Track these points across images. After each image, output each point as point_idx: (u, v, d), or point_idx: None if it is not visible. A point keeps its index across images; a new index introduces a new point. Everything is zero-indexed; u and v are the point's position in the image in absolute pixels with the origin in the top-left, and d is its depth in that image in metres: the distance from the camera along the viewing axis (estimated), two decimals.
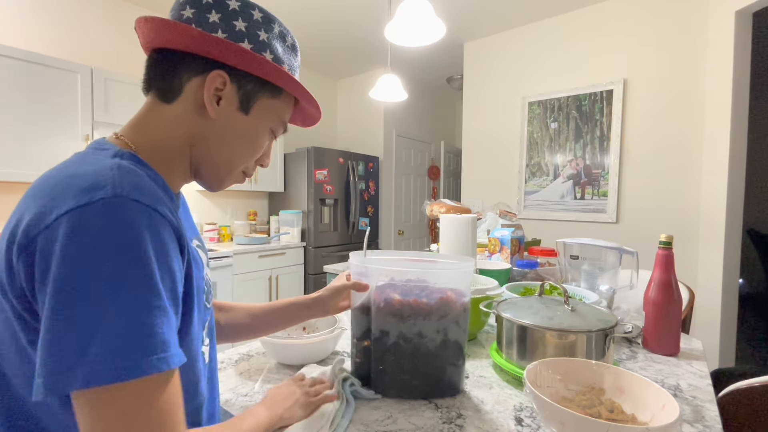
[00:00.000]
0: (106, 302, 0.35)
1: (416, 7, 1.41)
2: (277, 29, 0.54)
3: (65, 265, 0.35)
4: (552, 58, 2.96)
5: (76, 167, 0.41)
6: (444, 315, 0.68)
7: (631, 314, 1.11)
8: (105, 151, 0.46)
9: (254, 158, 0.57)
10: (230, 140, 0.53)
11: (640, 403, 0.56)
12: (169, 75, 0.50)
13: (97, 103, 2.34)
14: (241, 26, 0.50)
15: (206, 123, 0.51)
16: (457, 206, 1.77)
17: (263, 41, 0.52)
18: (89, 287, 0.35)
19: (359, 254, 0.76)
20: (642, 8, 2.56)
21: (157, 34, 0.49)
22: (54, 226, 0.36)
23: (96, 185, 0.38)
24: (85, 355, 0.34)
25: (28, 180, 2.11)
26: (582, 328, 0.70)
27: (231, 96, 0.51)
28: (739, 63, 2.18)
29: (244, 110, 0.53)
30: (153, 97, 0.51)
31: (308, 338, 0.81)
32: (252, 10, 0.52)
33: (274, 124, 0.57)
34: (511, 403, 0.68)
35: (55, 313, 0.34)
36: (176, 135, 0.51)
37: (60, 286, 0.35)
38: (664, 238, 0.91)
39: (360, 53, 3.71)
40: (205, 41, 0.48)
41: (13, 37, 2.31)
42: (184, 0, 0.50)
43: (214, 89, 0.50)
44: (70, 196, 0.37)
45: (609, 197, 2.69)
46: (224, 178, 0.56)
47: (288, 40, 0.56)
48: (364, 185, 3.89)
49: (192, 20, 0.49)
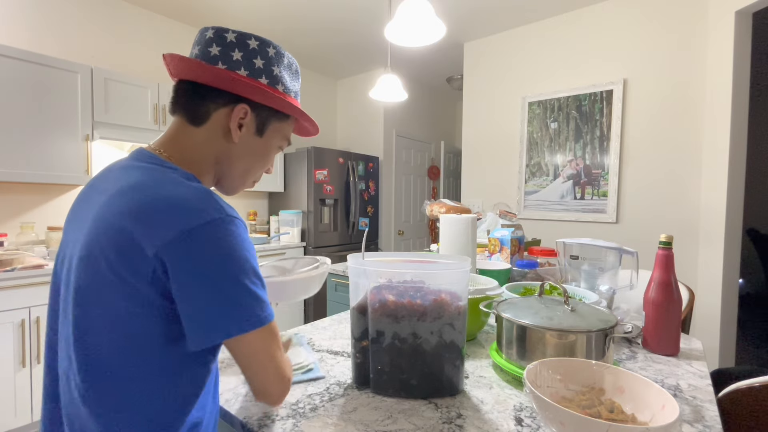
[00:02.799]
0: (236, 285, 0.50)
1: (416, 7, 1.41)
2: (286, 61, 0.65)
3: (206, 265, 0.49)
4: (552, 58, 2.96)
5: (171, 189, 0.52)
6: (438, 317, 0.68)
7: (631, 314, 1.11)
8: (173, 171, 0.56)
9: (263, 170, 0.70)
10: (248, 158, 0.65)
11: (640, 403, 0.56)
12: (198, 104, 0.60)
13: (97, 103, 2.34)
14: (260, 63, 0.61)
15: (229, 145, 0.62)
16: (457, 206, 1.77)
17: (276, 75, 0.63)
18: (226, 276, 0.50)
19: (357, 256, 0.76)
20: (642, 8, 2.56)
21: (189, 70, 0.59)
22: (189, 239, 0.49)
23: (206, 207, 0.51)
24: (231, 315, 0.50)
25: (28, 180, 2.11)
26: (582, 328, 0.70)
27: (250, 123, 0.63)
28: (739, 63, 2.18)
29: (260, 134, 0.64)
30: (181, 118, 0.61)
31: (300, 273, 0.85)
32: (268, 48, 0.62)
33: (281, 142, 0.69)
34: (511, 403, 0.68)
35: (202, 293, 0.49)
36: (206, 154, 0.62)
37: (205, 278, 0.49)
38: (664, 238, 0.91)
39: (360, 53, 3.71)
40: (232, 81, 0.59)
41: (13, 37, 2.31)
42: (210, 38, 0.60)
43: (239, 119, 0.61)
44: (190, 215, 0.50)
45: (609, 197, 2.69)
46: (239, 187, 0.69)
47: (293, 68, 0.67)
48: (364, 185, 3.89)
49: (219, 58, 0.59)
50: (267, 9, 2.91)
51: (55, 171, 2.19)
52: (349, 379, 0.76)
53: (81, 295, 0.51)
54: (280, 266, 1.03)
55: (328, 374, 0.79)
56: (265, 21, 3.10)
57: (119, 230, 0.49)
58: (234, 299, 0.50)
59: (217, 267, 0.50)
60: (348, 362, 0.85)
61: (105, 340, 0.50)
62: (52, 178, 2.19)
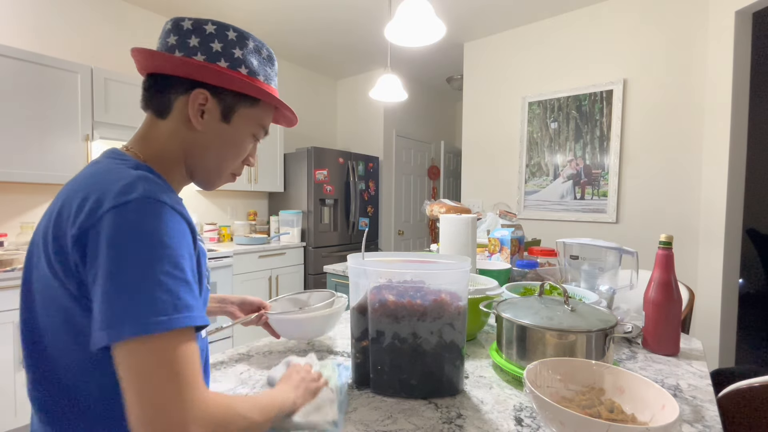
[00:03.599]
0: (141, 275, 0.44)
1: (416, 7, 1.41)
2: (252, 44, 0.62)
3: (112, 249, 0.44)
4: (552, 58, 2.96)
5: (109, 175, 0.50)
6: (438, 317, 0.68)
7: (631, 314, 1.11)
8: (126, 162, 0.54)
9: (238, 160, 0.65)
10: (216, 147, 0.62)
11: (640, 403, 0.56)
12: (160, 95, 0.59)
13: (97, 103, 2.34)
14: (218, 47, 0.58)
15: (194, 134, 0.60)
16: (457, 206, 1.77)
17: (238, 58, 0.60)
18: (128, 264, 0.44)
19: (357, 256, 0.76)
20: (642, 8, 2.56)
21: (147, 62, 0.58)
22: (101, 220, 0.45)
23: (129, 189, 0.47)
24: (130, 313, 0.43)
25: (28, 180, 2.11)
26: (582, 328, 0.70)
27: (213, 109, 0.59)
28: (739, 63, 2.18)
29: (226, 120, 0.61)
30: (150, 114, 0.60)
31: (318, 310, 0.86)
32: (227, 31, 0.59)
33: (254, 130, 0.64)
34: (511, 403, 0.68)
35: (105, 285, 0.44)
36: (172, 146, 0.60)
37: (108, 265, 0.44)
38: (664, 238, 0.91)
39: (360, 53, 3.71)
40: (186, 65, 0.56)
41: (13, 37, 2.31)
42: (168, 29, 0.59)
43: (198, 105, 0.58)
44: (111, 198, 0.46)
45: (609, 197, 2.69)
46: (215, 180, 0.65)
47: (264, 53, 0.64)
48: (364, 185, 3.89)
49: (176, 47, 0.57)
50: (267, 9, 2.91)
51: (55, 171, 2.19)
52: (349, 379, 0.76)
53: (25, 292, 0.52)
54: (294, 299, 1.03)
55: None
56: (265, 21, 3.10)
57: (51, 226, 0.49)
58: (138, 291, 0.43)
59: (125, 252, 0.44)
60: (348, 362, 0.85)
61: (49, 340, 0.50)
62: (52, 178, 2.19)
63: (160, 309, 0.43)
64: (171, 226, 0.47)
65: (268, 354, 0.90)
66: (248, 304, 0.91)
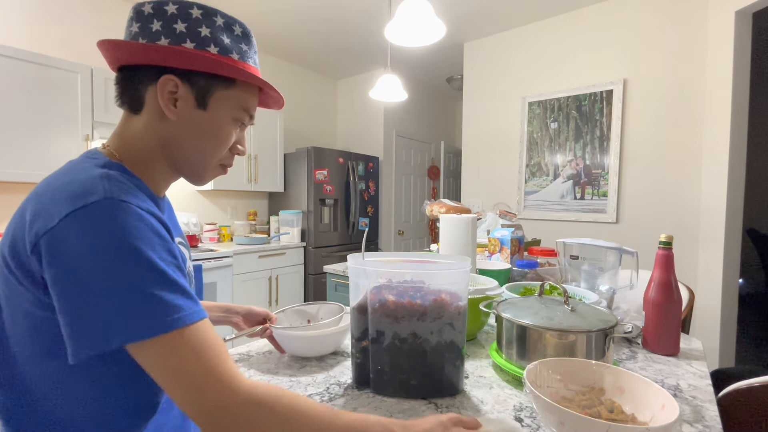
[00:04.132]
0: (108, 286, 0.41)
1: (416, 8, 1.41)
2: (221, 21, 0.56)
3: (70, 260, 0.41)
4: (552, 58, 2.96)
5: (70, 176, 0.47)
6: (438, 317, 0.68)
7: (631, 314, 1.11)
8: (94, 161, 0.51)
9: (223, 149, 0.60)
10: (195, 137, 0.57)
11: (640, 403, 0.56)
12: (131, 89, 0.55)
13: (97, 103, 2.34)
14: (181, 27, 0.53)
15: (170, 125, 0.55)
16: (457, 206, 1.77)
17: (205, 37, 0.54)
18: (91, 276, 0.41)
19: (357, 256, 0.76)
20: (642, 8, 2.56)
21: (111, 55, 0.54)
22: (57, 228, 0.42)
23: (89, 191, 0.44)
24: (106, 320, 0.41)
25: (28, 180, 2.11)
26: (582, 328, 0.70)
27: (186, 96, 0.54)
28: (739, 63, 2.18)
29: (202, 106, 0.56)
30: (125, 110, 0.57)
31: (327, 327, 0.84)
32: (190, 9, 0.54)
33: (235, 113, 0.59)
34: (511, 403, 0.68)
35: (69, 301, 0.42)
36: (148, 141, 0.56)
37: (67, 279, 0.42)
38: (664, 238, 0.91)
39: (360, 53, 3.71)
40: (146, 51, 0.52)
41: (14, 37, 2.31)
42: (130, 17, 0.55)
43: (168, 93, 0.53)
44: (68, 202, 0.43)
45: (609, 197, 2.69)
46: (201, 172, 0.60)
47: (236, 30, 0.58)
48: (364, 185, 3.89)
49: (139, 34, 0.53)
50: (267, 9, 2.91)
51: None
52: (349, 379, 0.76)
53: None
54: (302, 311, 0.99)
55: (328, 374, 0.79)
56: (265, 21, 3.10)
57: (12, 232, 0.46)
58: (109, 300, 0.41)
59: (88, 259, 0.41)
60: (348, 362, 0.84)
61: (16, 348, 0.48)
62: None
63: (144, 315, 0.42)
64: (138, 226, 0.44)
65: (268, 354, 0.89)
66: (254, 315, 0.88)
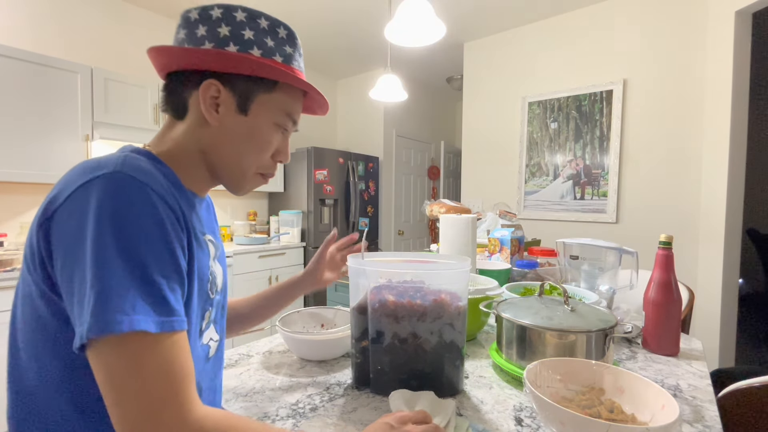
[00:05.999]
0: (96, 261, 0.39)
1: (416, 8, 1.41)
2: (264, 23, 0.55)
3: (72, 236, 0.40)
4: (552, 58, 2.96)
5: (93, 159, 0.46)
6: (438, 317, 0.68)
7: (631, 314, 1.11)
8: (124, 149, 0.51)
9: (264, 156, 0.58)
10: (235, 142, 0.55)
11: (640, 403, 0.56)
12: (174, 95, 0.55)
13: (97, 103, 2.34)
14: (225, 31, 0.52)
15: (210, 131, 0.54)
16: (457, 206, 1.76)
17: (249, 39, 0.53)
18: (87, 254, 0.39)
19: (357, 256, 0.76)
20: (642, 8, 2.56)
21: (158, 62, 0.54)
22: (65, 203, 0.41)
23: (100, 166, 0.43)
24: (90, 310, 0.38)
25: (28, 180, 2.11)
26: (582, 328, 0.70)
27: (228, 100, 0.54)
28: (739, 63, 2.18)
29: (243, 111, 0.55)
30: (168, 116, 0.56)
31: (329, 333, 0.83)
32: (234, 13, 0.53)
33: (278, 118, 0.57)
34: (511, 403, 0.68)
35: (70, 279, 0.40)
36: (188, 145, 0.55)
37: (67, 255, 0.40)
38: (664, 238, 0.91)
39: (360, 53, 3.71)
40: (188, 56, 0.51)
41: (14, 37, 2.31)
42: (178, 24, 0.55)
43: (210, 97, 0.53)
44: (80, 178, 0.42)
45: (609, 197, 2.69)
46: (240, 180, 0.58)
47: (280, 32, 0.56)
48: (364, 185, 3.89)
49: (185, 40, 0.53)
50: (267, 9, 2.91)
51: (55, 171, 2.19)
52: (349, 379, 0.76)
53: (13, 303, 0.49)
54: (318, 314, 0.97)
55: (328, 374, 0.79)
56: None
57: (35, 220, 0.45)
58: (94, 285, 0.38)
59: (81, 236, 0.39)
60: (348, 362, 0.84)
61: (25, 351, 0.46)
62: (53, 178, 2.19)
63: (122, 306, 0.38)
64: (143, 204, 0.42)
65: (268, 354, 0.90)
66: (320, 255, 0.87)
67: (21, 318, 0.47)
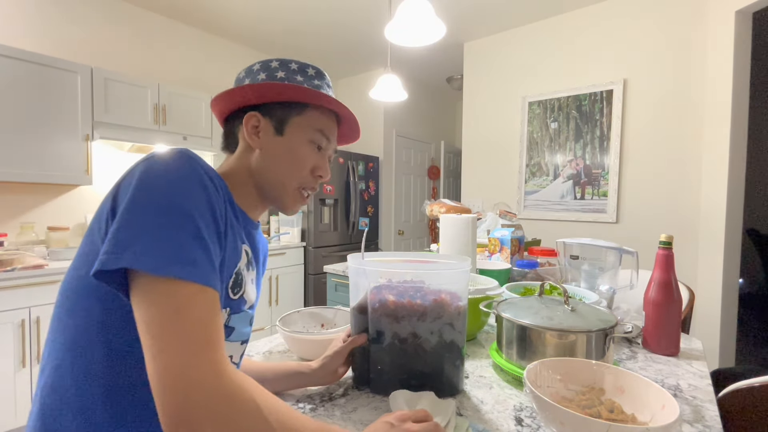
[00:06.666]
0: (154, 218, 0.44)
1: (416, 7, 1.41)
2: (294, 66, 0.66)
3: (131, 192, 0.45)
4: (552, 58, 2.96)
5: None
6: (438, 317, 0.68)
7: (631, 314, 1.11)
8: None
9: (302, 171, 0.65)
10: (275, 161, 0.63)
11: (640, 403, 0.56)
12: (229, 134, 0.67)
13: (97, 103, 2.34)
14: (263, 76, 0.64)
15: (255, 155, 0.64)
16: (457, 206, 1.77)
17: (281, 77, 0.64)
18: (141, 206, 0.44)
19: (357, 256, 0.76)
20: (642, 8, 2.56)
21: (216, 111, 0.66)
22: (132, 172, 0.48)
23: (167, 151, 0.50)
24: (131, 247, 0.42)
25: (28, 180, 2.11)
26: (582, 328, 0.70)
27: (267, 126, 0.63)
28: (739, 63, 2.18)
29: (280, 133, 0.63)
30: (228, 153, 0.68)
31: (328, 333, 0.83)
32: (270, 63, 0.65)
33: (311, 135, 0.64)
34: (511, 403, 0.68)
35: (118, 220, 0.44)
36: (237, 168, 0.64)
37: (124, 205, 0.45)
38: (664, 238, 0.91)
39: (360, 53, 3.71)
40: (234, 95, 0.62)
41: (14, 37, 2.31)
42: (237, 78, 0.68)
43: (252, 127, 0.63)
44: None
45: (609, 197, 2.69)
46: (283, 197, 0.65)
47: (309, 71, 0.66)
48: (364, 185, 3.89)
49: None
50: (267, 10, 2.91)
51: (55, 171, 2.20)
52: (349, 379, 0.76)
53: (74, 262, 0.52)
54: (318, 314, 0.97)
55: None
56: (265, 21, 3.10)
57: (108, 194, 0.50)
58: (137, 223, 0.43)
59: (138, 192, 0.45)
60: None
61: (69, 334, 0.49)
62: (52, 178, 2.19)
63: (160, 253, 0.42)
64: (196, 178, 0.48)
65: (269, 354, 0.90)
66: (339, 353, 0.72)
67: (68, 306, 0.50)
